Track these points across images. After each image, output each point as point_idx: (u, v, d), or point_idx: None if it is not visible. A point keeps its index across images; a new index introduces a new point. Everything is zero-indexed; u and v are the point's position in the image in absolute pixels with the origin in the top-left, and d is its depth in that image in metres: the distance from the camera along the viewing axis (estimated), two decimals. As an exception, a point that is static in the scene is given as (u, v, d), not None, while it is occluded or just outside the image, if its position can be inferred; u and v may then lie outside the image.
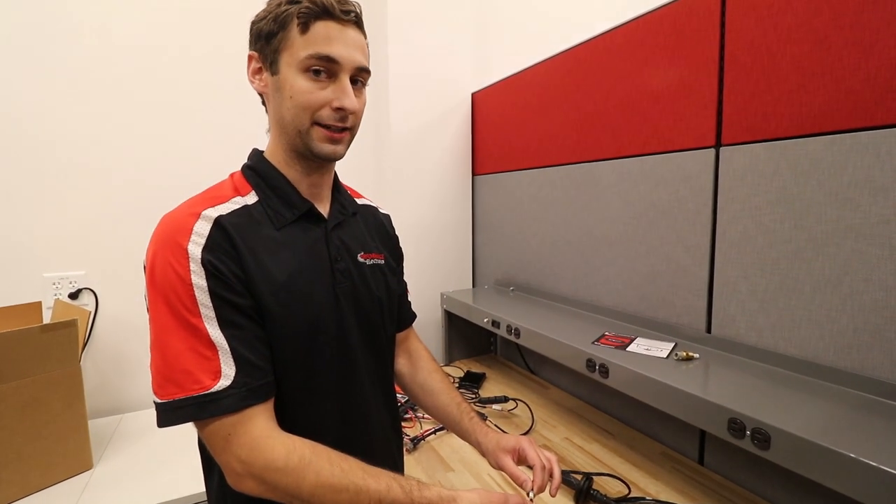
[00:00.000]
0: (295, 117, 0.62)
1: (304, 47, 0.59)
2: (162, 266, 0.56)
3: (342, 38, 0.60)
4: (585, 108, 1.31)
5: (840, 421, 0.70)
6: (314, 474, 0.55)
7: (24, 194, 1.29)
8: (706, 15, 0.98)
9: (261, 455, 0.54)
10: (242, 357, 0.56)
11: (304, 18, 0.59)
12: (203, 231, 0.58)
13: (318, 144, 0.63)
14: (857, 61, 0.76)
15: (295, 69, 0.60)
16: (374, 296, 0.73)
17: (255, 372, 0.57)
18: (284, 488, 0.54)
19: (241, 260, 0.59)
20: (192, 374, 0.54)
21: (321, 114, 0.61)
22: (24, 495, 0.98)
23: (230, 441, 0.55)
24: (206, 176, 0.75)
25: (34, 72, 1.29)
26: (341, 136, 0.64)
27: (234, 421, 0.55)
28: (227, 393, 0.55)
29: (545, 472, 0.71)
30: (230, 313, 0.57)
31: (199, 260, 0.56)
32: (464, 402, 0.84)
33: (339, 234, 0.71)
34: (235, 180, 0.67)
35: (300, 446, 0.57)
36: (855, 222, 0.77)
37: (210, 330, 0.55)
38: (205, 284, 0.56)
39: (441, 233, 1.83)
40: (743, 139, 0.92)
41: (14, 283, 1.28)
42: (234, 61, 1.52)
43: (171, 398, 0.54)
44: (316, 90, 0.60)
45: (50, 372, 1.00)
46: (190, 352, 0.55)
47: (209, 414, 0.54)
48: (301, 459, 0.55)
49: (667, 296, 1.11)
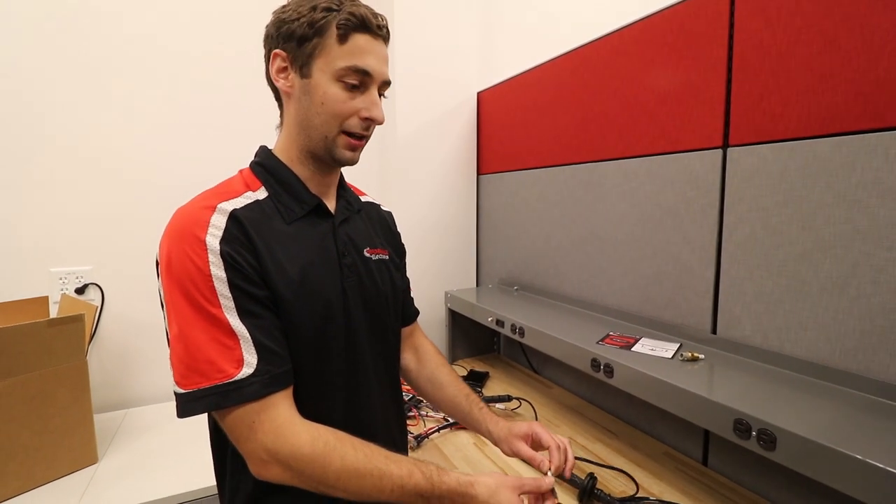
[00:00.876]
0: (324, 123, 0.64)
1: (342, 57, 0.62)
2: (179, 258, 0.57)
3: (375, 52, 0.64)
4: (591, 108, 1.31)
5: (847, 422, 0.70)
6: (339, 459, 0.56)
7: (32, 190, 1.30)
8: (715, 15, 0.98)
9: (286, 442, 0.55)
10: (263, 345, 0.57)
11: (343, 30, 0.61)
12: (220, 223, 0.59)
13: (341, 151, 0.66)
14: (867, 63, 0.76)
15: (329, 76, 0.62)
16: (379, 290, 0.74)
17: (275, 360, 0.58)
18: (310, 474, 0.55)
19: (256, 252, 0.60)
20: (215, 364, 0.55)
21: (350, 122, 0.65)
22: (30, 488, 0.98)
23: (254, 429, 0.56)
24: (212, 174, 0.76)
25: (45, 69, 1.30)
26: (361, 143, 0.67)
27: (257, 408, 0.56)
28: (251, 381, 0.56)
29: (561, 453, 0.72)
30: (249, 303, 0.58)
31: (218, 251, 0.57)
32: (472, 393, 0.85)
33: (346, 229, 0.72)
34: (245, 176, 0.68)
35: (324, 432, 0.58)
36: (863, 224, 0.77)
37: (231, 320, 0.56)
38: (224, 275, 0.57)
39: (445, 232, 1.83)
40: (751, 140, 0.92)
41: (21, 277, 1.29)
42: (241, 61, 1.53)
43: (194, 388, 0.55)
44: (348, 100, 0.63)
45: (57, 366, 1.01)
46: (212, 342, 0.55)
47: (233, 402, 0.55)
48: (326, 445, 0.56)
49: (672, 296, 1.11)
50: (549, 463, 0.71)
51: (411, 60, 1.68)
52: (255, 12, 1.48)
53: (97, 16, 1.35)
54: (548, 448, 0.73)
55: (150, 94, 1.43)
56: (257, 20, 0.68)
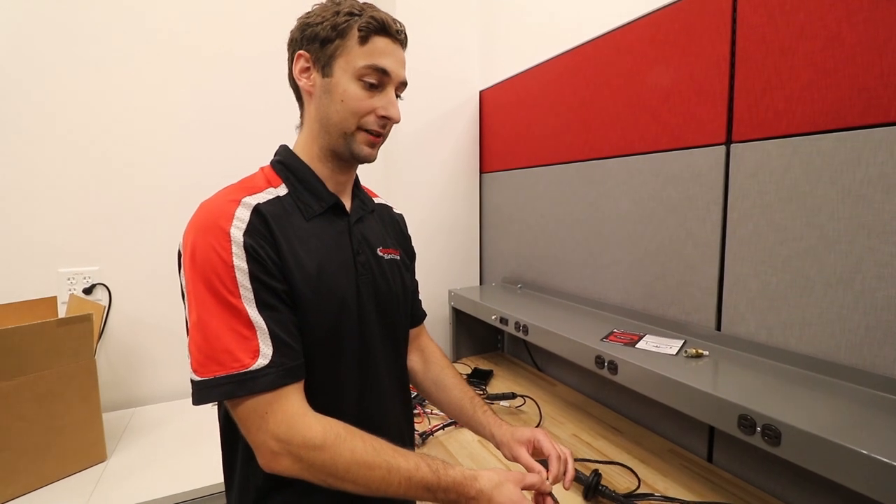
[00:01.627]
0: (343, 120, 0.67)
1: (362, 57, 0.65)
2: (204, 249, 0.58)
3: (394, 55, 0.68)
4: (594, 105, 1.31)
5: (852, 418, 0.70)
6: (349, 451, 0.57)
7: (41, 191, 1.31)
8: (717, 11, 0.97)
9: (298, 432, 0.56)
10: (279, 338, 0.59)
11: (364, 32, 0.65)
12: (244, 217, 0.60)
13: (360, 147, 0.68)
14: (871, 58, 0.75)
15: (350, 75, 0.65)
16: (391, 289, 0.75)
17: (290, 353, 0.60)
18: (321, 465, 0.56)
19: (277, 246, 0.62)
20: (232, 353, 0.56)
21: (367, 119, 0.67)
22: (40, 486, 1.00)
23: (266, 419, 0.57)
24: (221, 177, 0.77)
25: (56, 68, 1.31)
26: (379, 140, 0.70)
27: (270, 399, 0.57)
28: (265, 372, 0.57)
29: (560, 463, 0.72)
30: (268, 296, 0.59)
31: (242, 243, 0.58)
32: (476, 396, 0.86)
33: (361, 228, 0.74)
34: (266, 173, 0.70)
35: (335, 425, 0.59)
36: (868, 219, 0.77)
37: (249, 311, 0.58)
38: (246, 267, 0.58)
39: (449, 230, 1.84)
40: (754, 136, 0.92)
41: (30, 278, 1.30)
42: (251, 65, 1.54)
43: (210, 376, 0.56)
44: (366, 98, 0.66)
45: (65, 365, 1.02)
46: (230, 332, 0.57)
47: (248, 391, 0.56)
48: (337, 437, 0.57)
49: (676, 293, 1.11)
50: (548, 473, 0.71)
51: (414, 59, 1.65)
52: (276, 13, 1.50)
53: (111, 14, 1.36)
54: (548, 457, 0.73)
55: (162, 94, 1.43)
56: (275, 22, 0.70)
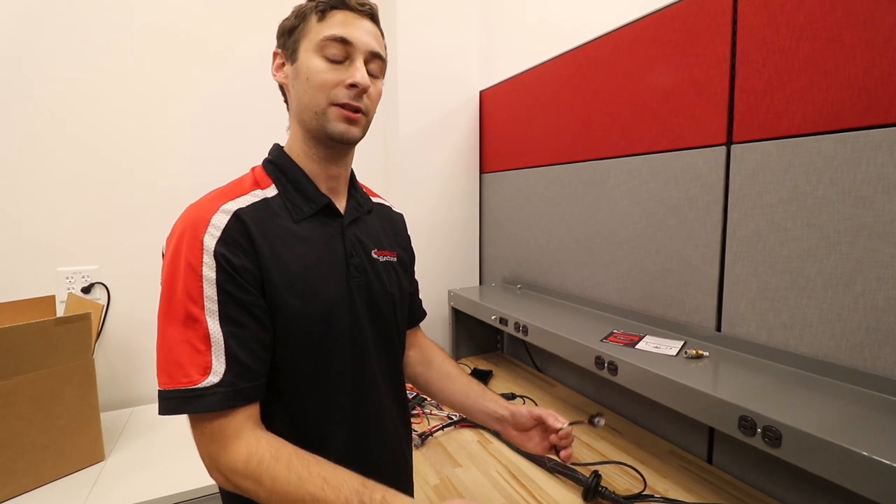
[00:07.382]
0: (312, 99, 0.64)
1: (321, 31, 0.63)
2: (175, 254, 0.57)
3: (357, 25, 0.64)
4: (594, 106, 1.31)
5: (852, 419, 0.70)
6: (270, 480, 0.54)
7: (39, 189, 1.31)
8: (718, 12, 0.97)
9: (225, 455, 0.55)
10: (235, 356, 0.56)
11: (321, 7, 0.63)
12: (220, 224, 0.59)
13: (334, 124, 0.64)
14: (871, 59, 0.75)
15: (311, 52, 0.63)
16: (387, 292, 0.74)
17: (245, 373, 0.57)
18: (245, 490, 0.55)
19: (256, 254, 0.59)
20: (182, 367, 0.55)
21: (336, 93, 0.63)
22: (39, 485, 0.99)
23: (205, 437, 0.56)
24: (219, 174, 0.76)
25: (55, 66, 1.31)
26: (356, 116, 0.65)
27: (212, 417, 0.56)
28: (213, 391, 0.55)
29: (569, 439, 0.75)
30: (234, 310, 0.57)
31: (213, 252, 0.57)
32: (481, 383, 0.86)
33: (355, 230, 0.72)
34: (256, 174, 0.69)
35: (263, 450, 0.55)
36: (868, 220, 0.77)
37: (210, 324, 0.56)
38: (214, 277, 0.56)
39: (449, 230, 1.84)
40: (754, 137, 0.92)
41: (28, 276, 1.30)
42: (249, 63, 1.54)
43: (162, 387, 0.56)
44: (330, 70, 0.63)
45: (64, 364, 1.01)
46: (184, 343, 0.56)
47: (192, 409, 0.55)
48: (259, 464, 0.54)
49: (676, 294, 1.11)
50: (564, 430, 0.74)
51: (413, 60, 1.69)
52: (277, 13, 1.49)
53: (111, 14, 1.35)
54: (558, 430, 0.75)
55: (161, 93, 1.43)
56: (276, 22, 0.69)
